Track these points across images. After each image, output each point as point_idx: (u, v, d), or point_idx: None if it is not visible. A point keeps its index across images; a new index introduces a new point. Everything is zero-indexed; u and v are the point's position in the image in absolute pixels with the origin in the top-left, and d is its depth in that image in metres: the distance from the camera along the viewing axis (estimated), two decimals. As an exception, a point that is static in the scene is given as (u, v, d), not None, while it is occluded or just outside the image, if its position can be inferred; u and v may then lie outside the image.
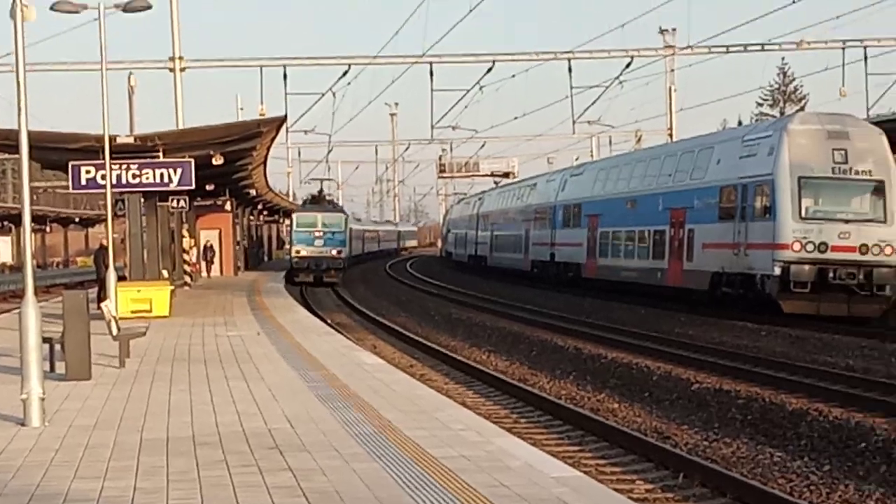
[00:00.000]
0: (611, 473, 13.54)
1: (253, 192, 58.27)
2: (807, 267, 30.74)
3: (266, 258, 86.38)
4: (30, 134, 13.79)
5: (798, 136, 31.83)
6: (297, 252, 59.98)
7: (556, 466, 10.07)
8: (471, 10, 41.39)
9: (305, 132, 67.55)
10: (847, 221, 31.25)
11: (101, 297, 27.19)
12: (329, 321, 32.77)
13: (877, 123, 34.11)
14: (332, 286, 56.64)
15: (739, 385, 20.02)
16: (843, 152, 31.36)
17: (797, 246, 30.92)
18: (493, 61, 46.94)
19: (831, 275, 30.59)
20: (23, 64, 13.36)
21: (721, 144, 37.06)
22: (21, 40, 13.48)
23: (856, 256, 30.85)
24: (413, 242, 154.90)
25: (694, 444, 15.41)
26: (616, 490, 10.34)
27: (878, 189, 31.51)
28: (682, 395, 19.50)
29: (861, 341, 26.45)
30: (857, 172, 31.41)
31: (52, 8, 24.71)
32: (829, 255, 30.83)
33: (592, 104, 55.17)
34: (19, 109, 13.29)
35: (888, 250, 31.02)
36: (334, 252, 59.68)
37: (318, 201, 64.72)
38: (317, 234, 59.71)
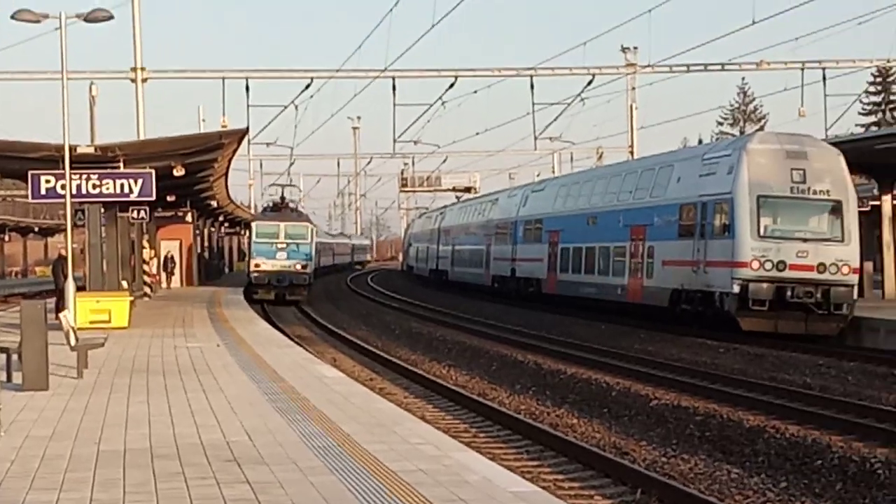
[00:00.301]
0: (569, 489, 13.54)
1: (214, 203, 58.14)
2: (765, 285, 30.91)
3: (227, 270, 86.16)
4: (-11, 142, 13.69)
5: (757, 155, 32.02)
6: (257, 266, 52.67)
7: (514, 481, 10.06)
8: (433, 26, 41.55)
9: (267, 144, 67.66)
10: (805, 240, 31.45)
11: (60, 307, 27.01)
12: (289, 334, 32.66)
13: (835, 144, 34.36)
14: (295, 304, 51.63)
15: (698, 402, 20.09)
16: (801, 172, 31.58)
17: (756, 264, 31.07)
18: (456, 77, 47.11)
19: (789, 293, 30.76)
20: (-17, 72, 13.24)
21: (681, 162, 37.23)
22: (-18, 48, 13.37)
23: (814, 275, 31.03)
24: (367, 257, 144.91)
25: (652, 459, 15.43)
26: (574, 505, 10.33)
27: (836, 209, 31.74)
28: (641, 411, 19.54)
29: (818, 359, 26.60)
30: (815, 192, 31.63)
31: (12, 17, 24.64)
32: (788, 273, 31.01)
33: (554, 121, 55.60)
34: (-21, 117, 13.15)
35: (845, 269, 31.23)
36: (299, 266, 52.48)
37: (280, 209, 56.35)
38: (279, 245, 52.53)
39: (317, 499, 9.12)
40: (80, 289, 29.04)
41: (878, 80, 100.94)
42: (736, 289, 31.09)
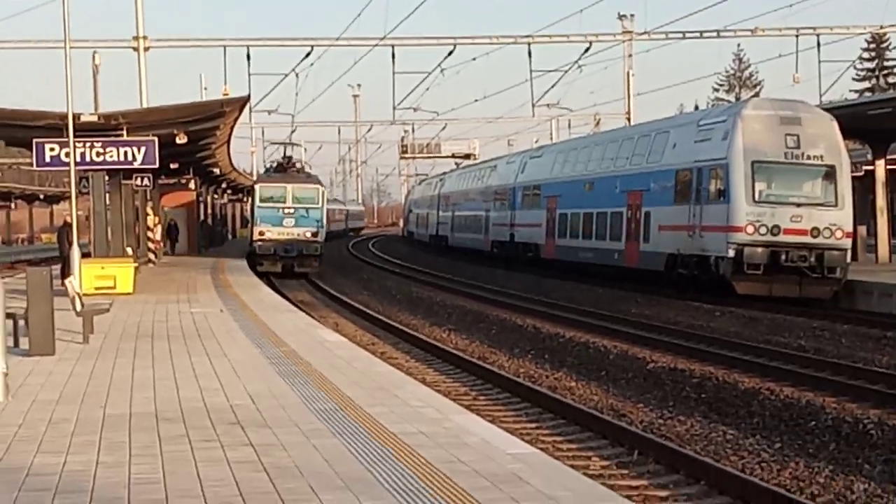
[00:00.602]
0: (567, 450, 13.58)
1: (217, 170, 57.96)
2: (760, 249, 30.92)
3: (230, 236, 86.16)
4: (-6, 111, 13.65)
5: (752, 121, 31.97)
6: (261, 234, 46.52)
7: (512, 443, 10.08)
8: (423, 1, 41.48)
9: (269, 112, 67.38)
10: (799, 205, 31.44)
11: (66, 273, 27.02)
12: (291, 299, 32.69)
13: (828, 109, 34.29)
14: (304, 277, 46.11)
15: (694, 364, 20.13)
16: (795, 138, 31.55)
17: (750, 229, 31.08)
18: (455, 44, 47.02)
19: (783, 257, 30.79)
20: (-13, 41, 13.18)
21: (677, 129, 37.15)
22: (-15, 17, 13.29)
23: (807, 239, 31.04)
24: (362, 223, 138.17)
25: (649, 421, 15.47)
26: (571, 466, 10.36)
27: (830, 174, 31.72)
28: (638, 374, 19.57)
29: (812, 322, 26.64)
30: (808, 157, 31.60)
31: (16, -14, 24.44)
32: (782, 237, 31.02)
33: (552, 88, 55.60)
34: (-17, 86, 13.11)
35: (839, 233, 31.25)
36: (309, 234, 46.22)
37: (285, 169, 49.92)
38: (286, 210, 46.42)
39: (319, 461, 9.14)
40: (85, 255, 29.02)
41: (872, 46, 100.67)
42: (731, 253, 31.12)
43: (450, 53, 47.06)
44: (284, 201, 46.62)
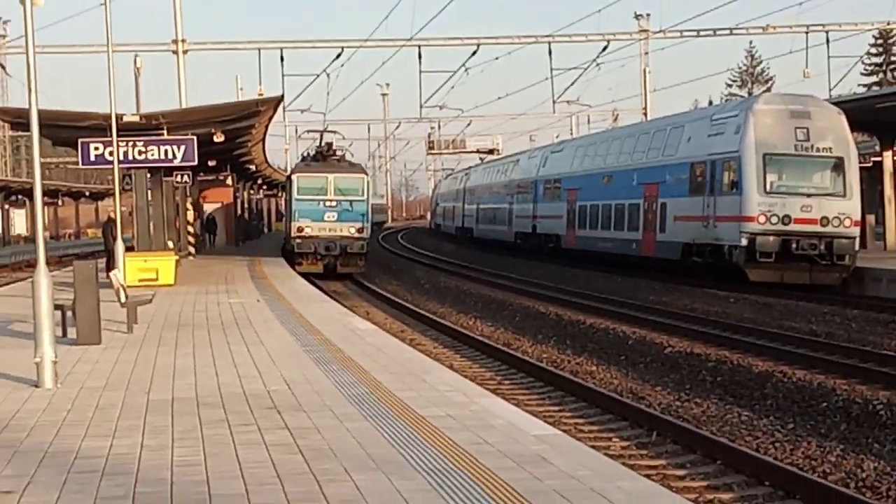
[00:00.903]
0: (588, 432, 13.56)
1: (252, 167, 58.08)
2: (771, 238, 30.85)
3: (266, 230, 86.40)
4: (41, 113, 13.73)
5: (763, 115, 31.88)
6: (300, 231, 40.14)
7: (536, 425, 10.07)
8: (450, 1, 41.36)
9: (302, 111, 67.32)
10: (809, 195, 31.33)
11: (110, 266, 27.13)
12: (324, 289, 32.73)
13: (837, 103, 34.11)
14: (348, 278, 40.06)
15: (709, 349, 20.07)
16: (805, 131, 31.44)
17: (762, 218, 31.00)
18: (478, 44, 46.94)
19: (794, 245, 30.71)
20: (33, 47, 13.28)
21: (691, 123, 37.03)
22: (31, 25, 13.40)
23: (817, 228, 30.95)
24: (385, 217, 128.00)
25: (667, 403, 15.43)
26: (593, 447, 10.34)
27: (838, 165, 31.59)
28: (656, 359, 19.53)
29: (823, 308, 26.52)
30: (818, 150, 31.49)
31: (61, -7, 24.53)
32: (793, 227, 30.94)
33: (571, 85, 55.97)
34: (30, 90, 13.23)
35: (847, 222, 31.15)
36: (353, 230, 39.94)
37: (326, 157, 43.08)
38: (328, 203, 40.06)
39: (352, 443, 9.15)
40: (128, 249, 29.17)
41: (880, 42, 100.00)
42: (744, 242, 31.06)
43: (474, 53, 47.03)
44: (326, 193, 40.22)
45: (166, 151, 27.84)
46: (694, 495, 10.31)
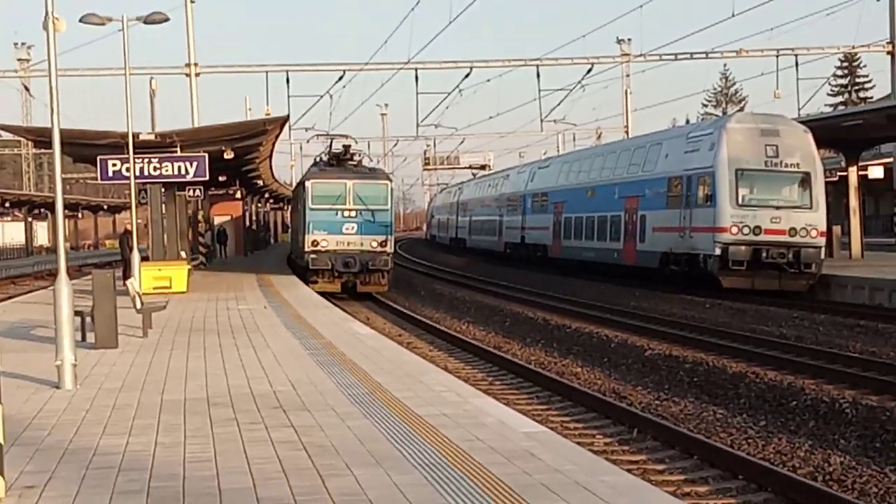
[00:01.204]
0: (574, 429, 13.55)
1: (260, 182, 58.08)
2: (743, 247, 30.89)
3: (273, 241, 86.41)
4: (62, 132, 13.71)
5: (735, 133, 31.93)
6: (315, 245, 33.91)
7: (525, 423, 10.06)
8: (450, 22, 41.94)
9: (306, 129, 67.32)
10: (778, 208, 31.36)
11: (126, 275, 27.07)
12: (327, 296, 32.68)
13: (805, 122, 34.16)
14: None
15: (687, 351, 20.07)
16: (774, 147, 31.50)
17: (735, 229, 31.04)
18: (471, 67, 46.97)
19: (764, 254, 30.75)
20: (55, 70, 13.28)
21: (669, 141, 37.05)
22: (53, 49, 13.40)
23: (786, 238, 30.98)
24: None
25: (647, 402, 15.43)
26: (578, 443, 10.33)
27: (805, 180, 31.63)
28: (637, 360, 19.52)
29: (793, 312, 26.53)
30: (786, 165, 31.55)
31: (80, 20, 24.55)
32: (763, 237, 30.98)
33: (558, 105, 56.01)
34: (52, 110, 13.22)
35: (814, 233, 31.19)
36: (375, 243, 33.79)
37: (343, 162, 36.34)
38: (347, 213, 33.96)
39: (353, 440, 9.14)
40: (144, 259, 29.12)
41: (845, 64, 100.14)
42: (717, 251, 31.09)
43: (467, 75, 47.04)
44: (344, 202, 33.96)
45: (179, 167, 27.82)
46: (672, 488, 10.30)
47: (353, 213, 33.90)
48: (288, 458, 8.51)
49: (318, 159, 38.46)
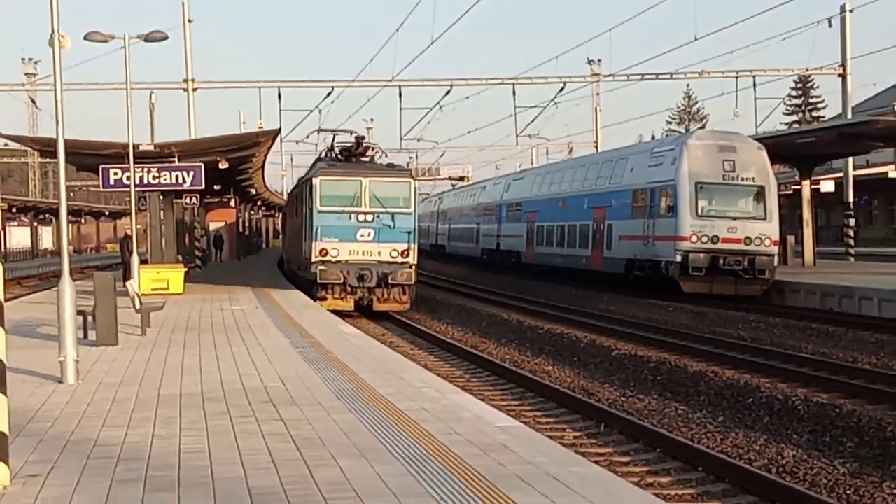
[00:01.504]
0: (545, 423, 13.56)
1: (253, 191, 57.93)
2: (702, 255, 31.03)
3: (265, 246, 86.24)
4: (67, 142, 13.64)
5: (695, 149, 32.08)
6: (323, 254, 27.57)
7: (500, 417, 10.05)
8: (432, 43, 41.75)
9: (297, 142, 67.41)
10: (734, 218, 31.51)
11: (127, 276, 26.97)
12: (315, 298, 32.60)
13: (761, 139, 34.31)
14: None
15: (651, 351, 20.11)
16: (731, 162, 31.67)
17: (694, 238, 31.18)
18: (451, 85, 46.90)
19: (722, 261, 30.92)
20: (60, 84, 13.22)
21: (634, 155, 37.15)
22: (59, 64, 13.33)
23: (741, 247, 31.13)
24: None
25: (613, 399, 15.45)
26: (549, 437, 10.33)
27: (759, 193, 31.79)
28: (605, 360, 19.55)
29: (749, 316, 26.62)
30: (742, 179, 31.70)
31: (85, 38, 24.46)
32: (720, 245, 31.14)
33: (532, 121, 56.10)
34: (57, 122, 13.15)
35: (767, 242, 31.35)
36: (396, 253, 27.46)
37: (355, 157, 29.81)
38: (362, 217, 27.47)
39: (338, 433, 9.11)
40: (143, 262, 29.00)
41: (799, 85, 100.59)
42: (678, 258, 31.21)
43: (447, 93, 46.94)
44: (359, 203, 27.35)
45: (177, 177, 27.74)
46: (636, 479, 10.31)
47: (369, 217, 27.20)
48: (277, 449, 8.48)
49: (323, 154, 31.52)
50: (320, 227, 27.42)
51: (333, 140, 30.93)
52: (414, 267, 27.31)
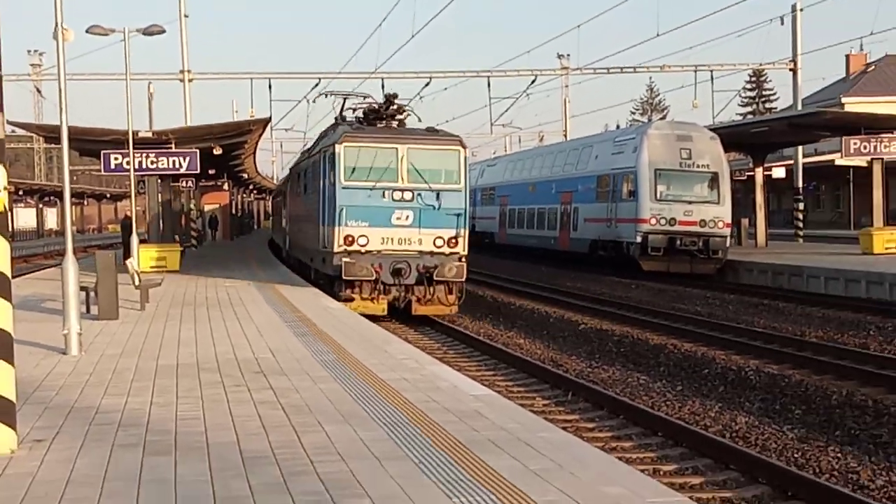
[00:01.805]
0: (517, 391, 13.59)
1: (245, 175, 57.61)
2: (660, 236, 31.20)
3: (256, 227, 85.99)
4: (70, 129, 13.55)
5: (654, 138, 32.21)
6: (349, 241, 20.36)
7: (474, 387, 10.07)
8: (412, 37, 41.71)
9: (286, 130, 67.41)
10: (690, 202, 31.66)
11: (127, 255, 26.83)
12: (304, 277, 32.52)
13: (718, 129, 34.43)
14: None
15: (615, 325, 20.17)
16: (687, 151, 31.82)
17: (653, 220, 31.32)
18: (430, 77, 46.70)
19: (678, 242, 31.10)
20: (63, 74, 13.11)
21: (599, 144, 37.22)
22: (62, 56, 13.22)
23: (696, 229, 31.31)
24: None
25: (580, 370, 15.50)
26: (520, 405, 10.36)
27: (713, 179, 31.94)
28: (572, 333, 19.60)
29: (706, 293, 26.74)
30: (697, 166, 31.84)
31: (87, 31, 24.24)
32: (677, 227, 31.30)
33: (506, 111, 55.69)
34: (61, 110, 13.06)
35: (720, 224, 31.53)
36: (442, 241, 20.50)
37: (385, 117, 21.86)
38: (399, 195, 20.32)
39: (324, 401, 9.11)
40: (142, 241, 28.84)
41: (753, 79, 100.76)
42: (639, 239, 31.38)
43: (426, 84, 46.70)
44: (395, 177, 20.35)
45: (174, 162, 27.62)
46: (601, 443, 10.36)
47: (407, 195, 20.09)
48: (267, 416, 8.47)
49: (341, 117, 23.34)
50: (345, 209, 20.07)
51: (343, 105, 23.56)
52: (464, 259, 20.36)
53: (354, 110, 22.88)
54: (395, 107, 21.78)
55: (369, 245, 20.23)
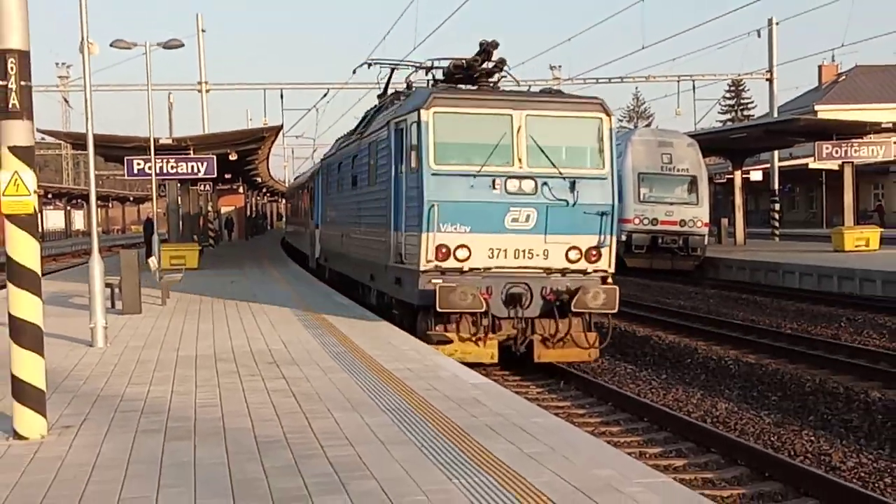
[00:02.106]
0: (512, 381, 13.57)
1: (259, 179, 57.68)
2: (643, 235, 31.31)
3: (269, 227, 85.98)
4: (96, 137, 13.57)
5: (638, 144, 32.28)
6: (442, 255, 12.46)
7: (474, 376, 10.07)
8: (414, 49, 41.28)
9: (297, 137, 67.59)
10: (671, 204, 31.73)
11: (149, 254, 26.84)
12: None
13: (699, 135, 34.51)
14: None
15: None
16: (668, 156, 31.88)
17: (637, 220, 31.40)
18: (431, 88, 46.73)
19: (660, 240, 31.22)
20: (89, 86, 13.11)
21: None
22: (88, 68, 13.22)
23: (677, 228, 31.40)
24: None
25: (571, 359, 15.46)
26: (516, 392, 10.37)
27: (692, 182, 32.01)
28: (563, 325, 19.54)
29: (689, 288, 26.74)
30: (677, 170, 31.91)
31: (111, 45, 24.28)
32: (659, 227, 31.41)
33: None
34: (87, 118, 13.06)
35: (699, 224, 31.61)
36: (579, 251, 12.71)
37: (489, 73, 13.96)
38: (515, 186, 12.34)
39: (333, 389, 9.11)
40: (163, 241, 28.85)
41: (733, 88, 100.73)
42: (623, 238, 31.45)
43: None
44: (508, 158, 12.64)
45: (192, 167, 27.62)
46: (591, 428, 10.36)
47: (527, 185, 12.85)
48: (280, 403, 8.47)
49: (410, 82, 16.10)
50: (437, 206, 12.70)
51: (390, 77, 17.72)
52: (610, 279, 13.35)
53: (430, 69, 15.35)
54: (501, 60, 14.22)
55: (472, 260, 12.81)
